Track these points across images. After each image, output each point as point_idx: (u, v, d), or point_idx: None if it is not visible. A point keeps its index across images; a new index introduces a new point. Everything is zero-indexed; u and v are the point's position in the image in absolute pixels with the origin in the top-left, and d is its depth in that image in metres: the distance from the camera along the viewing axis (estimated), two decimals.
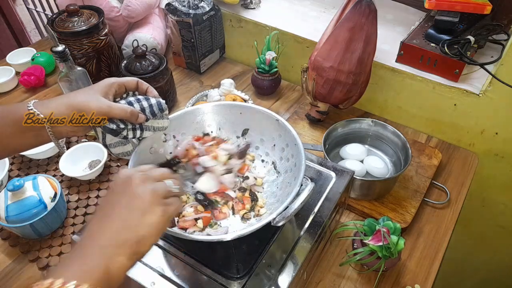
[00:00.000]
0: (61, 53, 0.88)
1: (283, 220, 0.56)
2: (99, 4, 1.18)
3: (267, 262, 0.61)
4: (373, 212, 0.86)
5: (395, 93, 1.06)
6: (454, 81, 0.97)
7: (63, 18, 1.08)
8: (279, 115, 0.70)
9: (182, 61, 1.28)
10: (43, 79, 1.22)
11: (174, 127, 0.72)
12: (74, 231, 0.85)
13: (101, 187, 0.93)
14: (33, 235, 0.82)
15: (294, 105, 1.17)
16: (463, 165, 0.99)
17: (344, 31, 0.89)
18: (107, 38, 1.12)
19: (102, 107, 0.57)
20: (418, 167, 0.94)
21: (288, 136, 0.68)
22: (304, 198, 0.58)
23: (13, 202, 0.79)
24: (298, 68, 1.04)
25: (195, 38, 1.17)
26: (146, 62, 1.06)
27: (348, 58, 0.91)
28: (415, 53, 0.98)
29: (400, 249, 0.71)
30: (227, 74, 1.29)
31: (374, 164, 0.91)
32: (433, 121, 1.05)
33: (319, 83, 0.97)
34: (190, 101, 1.10)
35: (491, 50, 1.00)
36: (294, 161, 0.67)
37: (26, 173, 0.97)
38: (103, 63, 1.15)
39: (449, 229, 0.86)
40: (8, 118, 0.57)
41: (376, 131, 0.96)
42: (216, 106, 0.75)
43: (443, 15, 0.96)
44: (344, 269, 0.78)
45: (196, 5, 1.15)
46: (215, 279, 0.59)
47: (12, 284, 0.77)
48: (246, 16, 1.22)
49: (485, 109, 0.96)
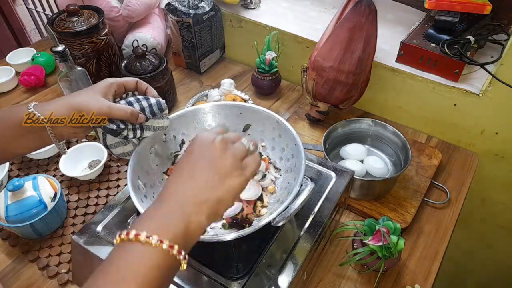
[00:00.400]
0: (61, 53, 0.88)
1: (283, 220, 0.56)
2: (99, 4, 1.18)
3: (267, 262, 0.61)
4: (373, 212, 0.86)
5: (395, 93, 1.06)
6: (454, 81, 0.97)
7: (63, 18, 1.08)
8: (279, 115, 0.70)
9: (182, 61, 1.28)
10: (43, 79, 1.22)
11: (174, 127, 0.72)
12: (74, 231, 0.85)
13: (101, 187, 0.93)
14: (33, 235, 0.82)
15: (294, 105, 1.17)
16: (463, 165, 0.99)
17: (344, 31, 0.89)
18: (107, 38, 1.12)
19: (102, 107, 0.57)
20: (418, 167, 0.94)
21: (288, 136, 0.68)
22: (304, 198, 0.58)
23: (13, 202, 0.79)
24: (298, 68, 1.04)
25: (195, 38, 1.17)
26: (146, 62, 1.06)
27: (348, 58, 0.91)
28: (415, 53, 0.98)
29: (400, 249, 0.71)
30: (227, 74, 1.29)
31: (374, 164, 0.91)
32: (433, 121, 1.05)
33: (319, 83, 0.97)
34: (190, 101, 1.10)
35: (491, 50, 1.00)
36: (294, 161, 0.67)
37: (26, 173, 0.97)
38: (103, 63, 1.15)
39: (449, 229, 0.86)
40: (8, 121, 0.57)
41: (376, 131, 0.96)
42: (216, 106, 0.75)
43: (443, 15, 0.96)
44: (344, 269, 0.78)
45: (196, 5, 1.15)
46: (215, 279, 0.59)
47: (12, 284, 0.77)
48: (246, 16, 1.22)
49: (485, 109, 0.96)
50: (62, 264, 0.80)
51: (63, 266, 0.79)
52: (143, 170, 0.66)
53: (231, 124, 0.75)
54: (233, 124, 0.75)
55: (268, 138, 0.73)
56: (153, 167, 0.69)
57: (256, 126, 0.74)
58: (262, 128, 0.73)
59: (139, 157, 0.66)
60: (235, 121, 0.75)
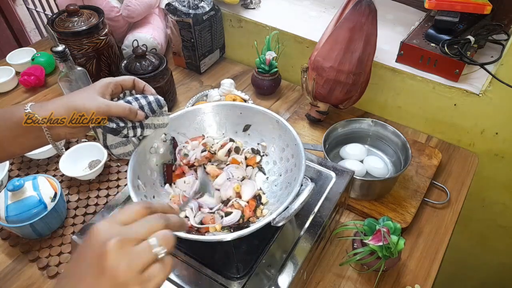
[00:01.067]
0: (61, 53, 0.88)
1: (283, 220, 0.56)
2: (99, 4, 1.18)
3: (267, 262, 0.61)
4: (373, 212, 0.86)
5: (395, 93, 1.06)
6: (454, 81, 0.97)
7: (63, 18, 1.08)
8: (279, 115, 0.70)
9: (182, 61, 1.28)
10: (43, 79, 1.22)
11: (175, 128, 0.72)
12: (74, 231, 0.85)
13: (101, 187, 0.93)
14: (33, 235, 0.82)
15: (294, 105, 1.17)
16: (463, 165, 0.99)
17: (344, 31, 0.89)
18: (107, 38, 1.12)
19: (101, 106, 0.57)
20: (418, 167, 0.94)
21: (288, 136, 0.68)
22: (304, 199, 0.58)
23: (13, 202, 0.79)
24: (298, 68, 1.04)
25: (195, 38, 1.17)
26: (146, 62, 1.06)
27: (348, 58, 0.91)
28: (415, 53, 0.98)
29: (400, 249, 0.71)
30: (227, 74, 1.29)
31: (374, 164, 0.91)
32: (433, 121, 1.05)
33: (319, 83, 0.97)
34: (190, 101, 1.10)
35: (491, 50, 1.00)
36: (294, 161, 0.67)
37: (26, 173, 0.97)
38: (103, 63, 1.15)
39: (449, 229, 0.86)
40: (7, 121, 0.56)
41: (376, 131, 0.96)
42: (216, 106, 0.75)
43: (443, 15, 0.96)
44: (344, 269, 0.78)
45: (196, 5, 1.15)
46: (215, 279, 0.59)
47: (12, 284, 0.77)
48: (246, 16, 1.22)
49: (485, 109, 0.96)
50: (62, 264, 0.80)
51: (63, 266, 0.79)
52: (143, 170, 0.66)
53: (231, 124, 0.75)
54: (233, 125, 0.75)
55: (268, 138, 0.73)
56: (153, 167, 0.69)
57: (256, 126, 0.74)
58: (262, 128, 0.73)
59: (139, 157, 0.66)
60: (235, 121, 0.75)
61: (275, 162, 0.72)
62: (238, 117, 0.74)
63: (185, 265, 0.61)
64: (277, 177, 0.71)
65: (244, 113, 0.74)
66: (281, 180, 0.69)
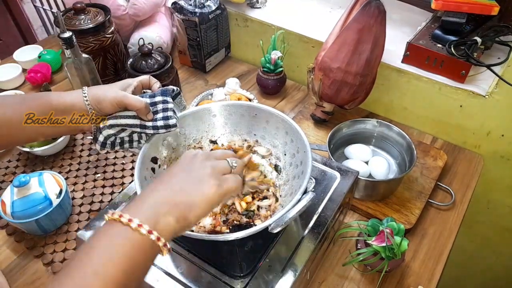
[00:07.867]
0: (68, 39, 0.92)
1: (279, 227, 0.55)
2: (105, 2, 1.18)
3: (271, 261, 0.61)
4: (377, 212, 0.86)
5: (401, 93, 1.06)
6: (460, 82, 0.96)
7: (69, 16, 1.09)
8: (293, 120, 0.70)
9: (188, 60, 1.28)
10: (49, 77, 1.23)
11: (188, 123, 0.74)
12: (79, 227, 0.85)
13: (106, 184, 0.94)
14: (38, 231, 0.83)
15: (299, 105, 1.17)
16: (469, 167, 0.99)
17: (352, 32, 0.89)
18: (113, 36, 1.12)
19: (118, 93, 0.62)
20: (423, 168, 0.94)
21: (300, 142, 0.68)
22: (301, 208, 0.57)
23: (19, 198, 0.80)
24: (304, 67, 1.04)
25: (201, 37, 1.17)
26: (152, 60, 1.06)
27: (356, 60, 0.91)
28: (421, 54, 0.97)
29: (403, 250, 0.71)
30: (232, 73, 1.29)
31: (378, 165, 0.91)
32: (439, 122, 1.05)
33: (325, 83, 0.97)
34: (195, 100, 1.10)
35: (498, 51, 0.99)
36: (301, 168, 0.66)
37: (32, 170, 0.97)
38: (109, 61, 1.15)
39: (454, 231, 0.85)
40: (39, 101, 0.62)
41: (381, 132, 0.96)
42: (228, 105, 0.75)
43: (450, 16, 0.95)
44: (347, 269, 0.78)
45: (202, 4, 1.15)
46: (218, 277, 0.59)
47: (17, 280, 0.78)
48: (252, 15, 1.22)
49: (491, 110, 0.95)
50: (66, 260, 0.80)
51: None
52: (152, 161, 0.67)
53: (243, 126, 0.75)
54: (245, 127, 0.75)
55: (281, 142, 0.73)
56: (163, 160, 0.70)
57: (270, 129, 0.74)
58: (275, 131, 0.73)
59: (150, 148, 0.66)
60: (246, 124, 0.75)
61: (285, 167, 0.72)
62: (251, 119, 0.75)
63: (189, 262, 0.62)
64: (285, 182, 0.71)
65: (259, 115, 0.74)
66: (288, 186, 0.69)
